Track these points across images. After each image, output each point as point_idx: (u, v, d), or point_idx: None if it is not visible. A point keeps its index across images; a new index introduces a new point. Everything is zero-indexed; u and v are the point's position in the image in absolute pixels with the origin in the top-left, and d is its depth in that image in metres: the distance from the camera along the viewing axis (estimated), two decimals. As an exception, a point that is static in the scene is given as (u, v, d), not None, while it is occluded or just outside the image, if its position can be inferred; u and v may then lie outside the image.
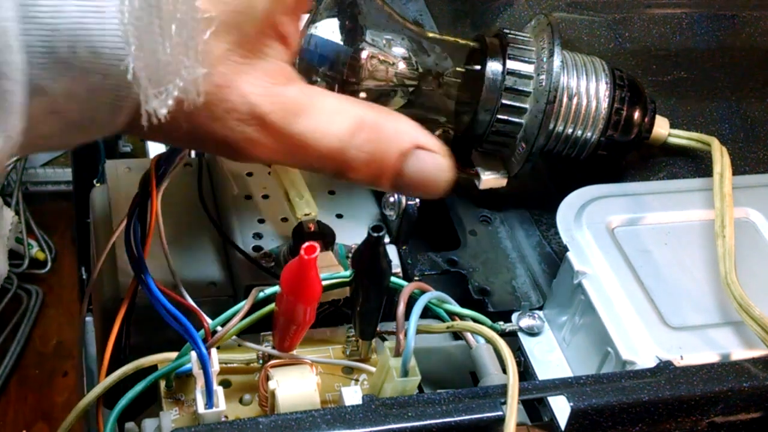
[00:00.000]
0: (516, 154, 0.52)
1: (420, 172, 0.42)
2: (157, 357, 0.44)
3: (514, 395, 0.38)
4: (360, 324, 0.44)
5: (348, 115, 0.41)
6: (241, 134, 0.39)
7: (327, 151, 0.40)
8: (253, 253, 0.50)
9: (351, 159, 0.41)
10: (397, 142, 0.42)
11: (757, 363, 0.42)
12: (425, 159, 0.42)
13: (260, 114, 0.38)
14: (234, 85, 0.38)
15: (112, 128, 0.37)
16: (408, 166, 0.42)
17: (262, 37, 0.39)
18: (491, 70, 0.50)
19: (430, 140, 0.43)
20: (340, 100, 0.41)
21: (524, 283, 0.53)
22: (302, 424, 0.36)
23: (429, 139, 0.43)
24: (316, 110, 0.40)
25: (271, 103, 0.39)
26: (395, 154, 0.41)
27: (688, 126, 0.60)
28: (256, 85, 0.38)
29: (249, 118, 0.38)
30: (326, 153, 0.40)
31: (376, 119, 0.41)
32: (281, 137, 0.39)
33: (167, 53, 0.36)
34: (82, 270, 0.70)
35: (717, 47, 0.68)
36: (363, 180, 0.42)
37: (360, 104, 0.42)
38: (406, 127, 0.42)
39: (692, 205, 0.52)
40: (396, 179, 0.42)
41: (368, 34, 0.48)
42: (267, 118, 0.39)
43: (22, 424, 1.21)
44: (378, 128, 0.41)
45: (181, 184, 0.53)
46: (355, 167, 0.41)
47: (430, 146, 0.42)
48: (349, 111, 0.41)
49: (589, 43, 0.66)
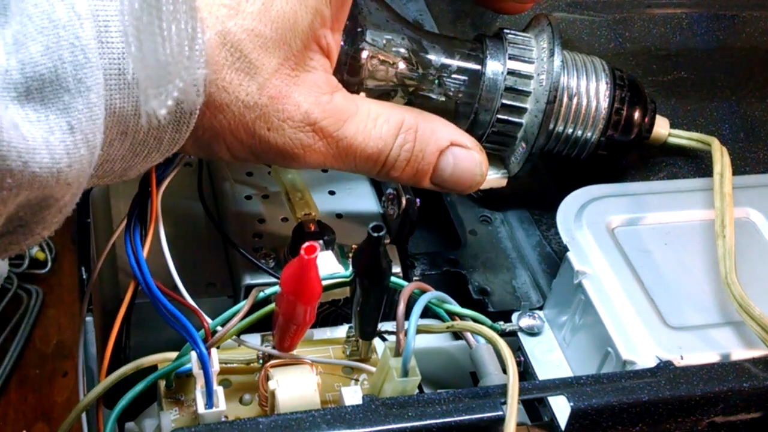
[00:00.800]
0: (516, 154, 0.52)
1: (456, 168, 0.47)
2: (157, 357, 0.44)
3: (514, 395, 0.38)
4: (360, 324, 0.44)
5: (390, 119, 0.45)
6: (297, 141, 0.43)
7: (372, 152, 0.44)
8: (253, 253, 0.50)
9: (393, 159, 0.45)
10: (435, 140, 0.46)
11: (758, 363, 0.42)
12: (461, 155, 0.47)
13: (313, 121, 0.42)
14: (288, 95, 0.42)
15: (173, 146, 0.40)
16: (445, 163, 0.47)
17: (307, 51, 0.42)
18: (491, 70, 0.50)
19: (464, 138, 0.47)
20: (381, 106, 0.45)
21: (524, 283, 0.53)
22: (302, 424, 0.36)
23: (463, 136, 0.47)
24: (361, 115, 0.44)
25: (322, 111, 0.43)
26: (434, 152, 0.46)
27: (688, 126, 0.60)
28: (307, 94, 0.42)
29: (303, 126, 0.42)
30: (371, 154, 0.45)
31: (415, 121, 0.46)
32: (332, 142, 0.43)
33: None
34: (82, 270, 0.70)
35: (717, 47, 0.68)
36: (404, 178, 0.46)
37: (399, 108, 0.46)
38: (442, 126, 0.47)
39: (692, 205, 0.52)
40: (434, 176, 0.47)
41: (368, 34, 0.48)
42: (319, 124, 0.43)
43: (22, 424, 1.21)
44: (417, 129, 0.46)
45: (181, 184, 0.53)
46: (397, 167, 0.46)
47: (464, 143, 0.47)
48: (390, 115, 0.45)
49: (589, 43, 0.66)
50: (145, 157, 0.39)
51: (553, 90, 0.49)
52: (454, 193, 0.50)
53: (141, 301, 0.44)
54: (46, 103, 0.34)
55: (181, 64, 0.36)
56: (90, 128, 0.35)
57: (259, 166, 0.55)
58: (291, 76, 0.42)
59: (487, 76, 0.50)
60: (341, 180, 0.56)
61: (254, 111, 0.41)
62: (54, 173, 0.34)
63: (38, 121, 0.33)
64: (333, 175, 0.56)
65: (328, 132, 0.43)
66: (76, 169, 0.35)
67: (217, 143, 0.42)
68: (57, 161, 0.34)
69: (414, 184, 0.48)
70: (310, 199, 0.51)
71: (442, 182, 0.47)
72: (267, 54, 0.40)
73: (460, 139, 0.47)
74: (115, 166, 0.39)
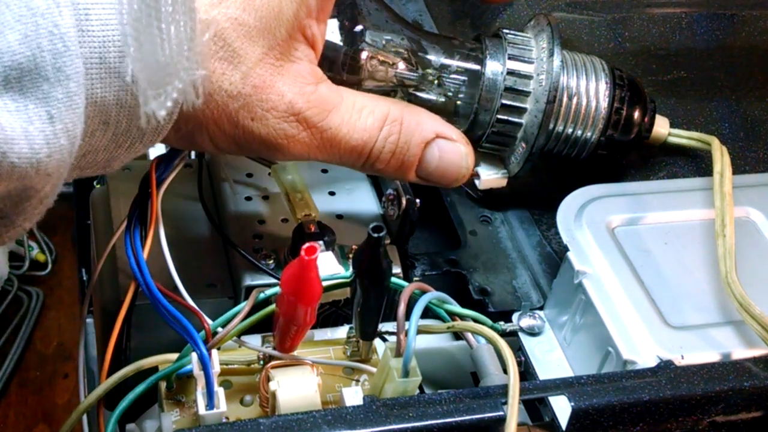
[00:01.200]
0: (516, 154, 0.52)
1: (442, 160, 0.47)
2: (158, 358, 0.44)
3: (515, 395, 0.38)
4: (360, 324, 0.44)
5: (375, 111, 0.44)
6: (281, 131, 0.42)
7: (356, 144, 0.44)
8: (253, 254, 0.50)
9: (378, 151, 0.45)
10: (420, 132, 0.46)
11: (758, 362, 0.42)
12: (446, 147, 0.47)
13: (297, 111, 0.42)
14: (272, 85, 0.41)
15: (157, 137, 0.39)
16: (431, 155, 0.46)
17: (291, 40, 0.42)
18: (491, 70, 0.50)
19: (449, 130, 0.47)
20: (366, 98, 0.45)
21: (525, 283, 0.53)
22: (303, 425, 0.36)
23: (449, 128, 0.47)
24: (346, 107, 0.44)
25: (307, 101, 0.42)
26: (419, 144, 0.46)
27: (688, 126, 0.60)
28: (291, 84, 0.42)
29: (287, 116, 0.42)
30: (355, 146, 0.44)
31: (400, 113, 0.45)
32: (316, 132, 0.43)
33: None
34: (83, 271, 0.70)
35: (717, 47, 0.68)
36: (389, 171, 0.46)
37: (385, 100, 0.46)
38: (427, 118, 0.46)
39: (692, 205, 0.52)
40: (420, 168, 0.46)
41: (368, 34, 0.48)
42: (303, 114, 0.42)
43: (23, 426, 1.21)
44: (402, 121, 0.45)
45: (181, 185, 0.53)
46: (382, 159, 0.45)
47: (450, 135, 0.47)
48: (375, 107, 0.45)
49: (589, 43, 0.66)
50: (128, 148, 0.39)
51: (553, 90, 0.49)
52: (440, 186, 0.50)
53: (141, 302, 0.44)
54: (25, 92, 0.33)
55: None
56: (70, 118, 0.34)
57: (259, 167, 0.55)
58: (275, 65, 0.41)
59: (486, 76, 0.50)
60: (341, 181, 0.56)
61: (238, 101, 0.41)
62: (33, 164, 0.34)
63: (17, 111, 0.33)
64: (333, 176, 0.56)
65: (312, 122, 0.43)
66: (56, 160, 0.34)
67: (200, 134, 0.42)
68: (36, 152, 0.33)
69: (399, 177, 0.48)
70: (310, 199, 0.51)
71: (427, 175, 0.47)
72: (251, 43, 0.40)
73: (446, 132, 0.47)
74: (98, 156, 0.38)
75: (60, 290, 1.37)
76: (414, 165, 0.46)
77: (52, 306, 1.36)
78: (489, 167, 0.54)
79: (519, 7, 0.68)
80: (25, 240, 1.30)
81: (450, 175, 0.47)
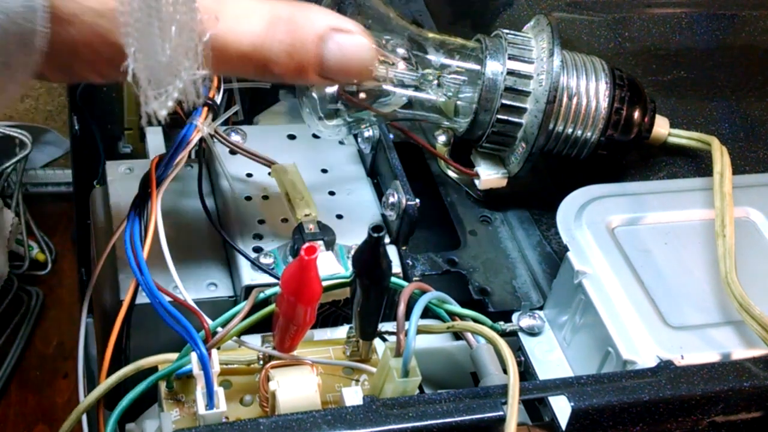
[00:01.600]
0: (516, 154, 0.52)
1: (341, 54, 0.43)
2: (158, 358, 0.44)
3: (514, 395, 0.38)
4: (360, 324, 0.44)
5: (261, 12, 0.42)
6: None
7: (247, 49, 0.41)
8: (253, 253, 0.50)
9: (271, 53, 0.42)
10: (312, 27, 0.43)
11: (758, 362, 0.42)
12: (346, 41, 0.43)
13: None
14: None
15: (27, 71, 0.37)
16: (328, 50, 0.43)
17: None
18: (491, 70, 0.50)
19: (345, 22, 0.44)
20: (250, 1, 0.42)
21: (524, 283, 0.53)
22: (303, 425, 0.36)
23: (343, 21, 0.44)
24: (228, 13, 0.41)
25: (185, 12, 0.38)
26: (313, 41, 0.43)
27: (688, 126, 0.60)
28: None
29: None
30: (247, 51, 0.41)
31: (289, 12, 0.42)
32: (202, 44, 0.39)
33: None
34: (83, 271, 0.70)
35: (717, 47, 0.68)
36: (288, 73, 0.43)
37: (270, 1, 0.43)
38: (318, 13, 0.44)
39: (692, 205, 0.52)
40: (320, 67, 0.43)
41: (368, 34, 0.48)
42: None
43: (23, 426, 1.21)
44: (292, 19, 0.42)
45: (181, 184, 0.53)
46: (278, 61, 0.42)
47: (348, 28, 0.44)
48: (261, 9, 0.42)
49: (589, 43, 0.66)
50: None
51: (553, 90, 0.49)
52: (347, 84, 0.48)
53: (141, 302, 0.44)
54: None
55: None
56: None
57: (259, 167, 0.55)
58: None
59: (486, 76, 0.50)
60: (341, 181, 0.56)
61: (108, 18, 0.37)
62: None
63: None
64: (333, 176, 0.56)
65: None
66: None
67: (78, 62, 0.39)
68: None
69: (302, 81, 0.46)
70: (310, 199, 0.51)
71: (330, 74, 0.44)
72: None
73: (342, 24, 0.44)
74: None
75: (60, 290, 1.37)
76: (312, 63, 0.43)
77: (52, 306, 1.36)
78: (489, 167, 0.54)
79: (519, 7, 0.68)
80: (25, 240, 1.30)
81: (353, 69, 0.44)
